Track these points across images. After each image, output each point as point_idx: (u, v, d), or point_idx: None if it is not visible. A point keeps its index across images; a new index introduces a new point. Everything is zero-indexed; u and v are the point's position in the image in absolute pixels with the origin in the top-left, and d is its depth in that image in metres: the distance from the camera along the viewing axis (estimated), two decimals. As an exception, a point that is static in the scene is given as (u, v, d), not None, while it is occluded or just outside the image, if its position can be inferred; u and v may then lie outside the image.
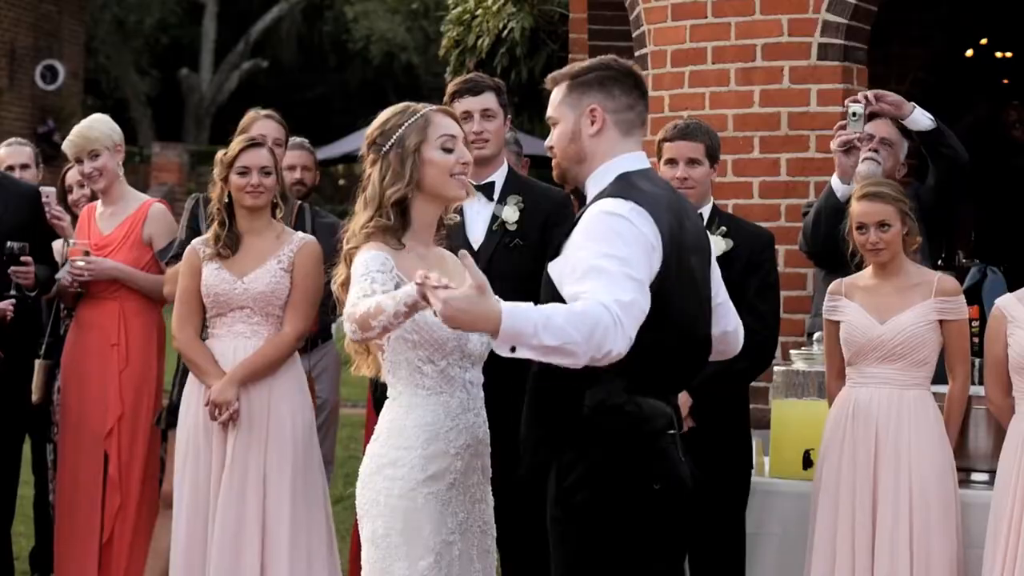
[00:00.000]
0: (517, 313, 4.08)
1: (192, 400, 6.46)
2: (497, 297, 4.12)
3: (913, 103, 6.74)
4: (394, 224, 4.65)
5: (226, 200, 6.40)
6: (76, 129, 7.30)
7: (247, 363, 6.34)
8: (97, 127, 7.29)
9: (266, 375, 6.37)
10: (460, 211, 5.80)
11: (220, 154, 6.46)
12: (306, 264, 6.41)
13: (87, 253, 7.08)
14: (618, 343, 4.15)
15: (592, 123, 4.54)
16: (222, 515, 6.25)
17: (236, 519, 6.25)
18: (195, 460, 6.37)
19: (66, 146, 7.30)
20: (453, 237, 5.31)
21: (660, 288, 4.38)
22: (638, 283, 4.28)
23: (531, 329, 4.07)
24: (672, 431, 4.52)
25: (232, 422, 6.30)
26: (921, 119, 6.72)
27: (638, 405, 4.42)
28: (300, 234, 6.52)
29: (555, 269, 4.44)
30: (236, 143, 6.46)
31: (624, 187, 4.45)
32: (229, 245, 6.39)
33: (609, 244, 4.30)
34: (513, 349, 4.11)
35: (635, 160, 4.56)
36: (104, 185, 7.28)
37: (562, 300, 4.27)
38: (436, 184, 4.67)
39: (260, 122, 7.05)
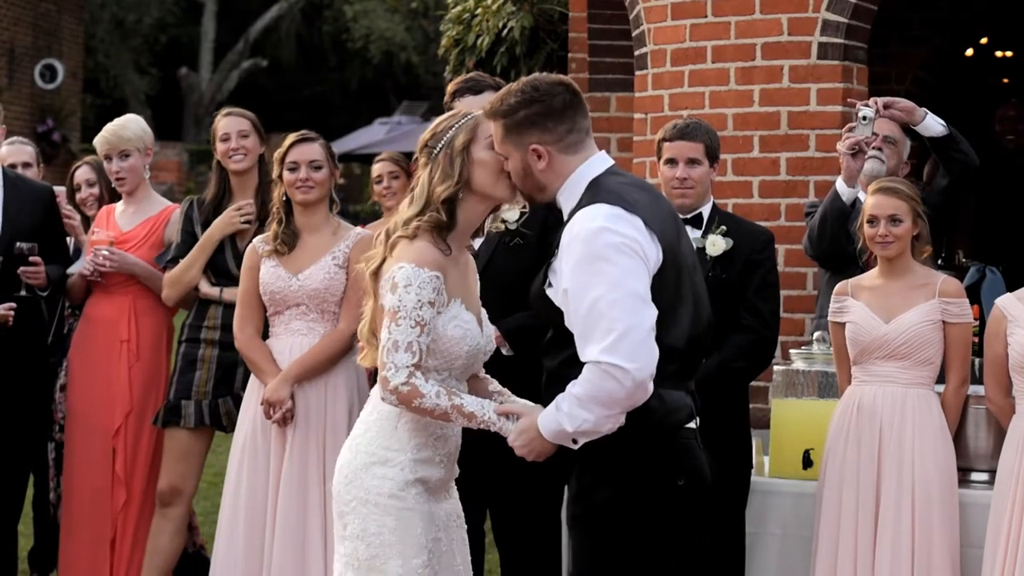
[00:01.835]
0: (546, 416, 4.36)
1: (251, 400, 6.45)
2: (531, 410, 4.46)
3: (925, 109, 6.69)
4: (446, 222, 4.62)
5: (284, 198, 6.41)
6: (110, 127, 7.27)
7: (301, 361, 6.34)
8: (131, 127, 7.27)
9: (321, 372, 6.36)
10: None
11: (276, 153, 6.47)
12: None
13: (111, 244, 7.08)
14: (624, 385, 4.25)
15: (539, 158, 4.52)
16: (283, 514, 6.24)
17: (297, 518, 6.24)
18: (252, 460, 6.37)
19: (97, 142, 7.27)
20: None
21: (660, 277, 4.38)
22: (632, 300, 4.28)
23: (561, 422, 4.33)
24: (692, 424, 4.52)
25: (287, 421, 6.29)
26: (933, 125, 6.68)
27: (661, 398, 4.40)
28: (357, 229, 6.52)
29: (556, 297, 4.44)
30: (288, 139, 6.46)
31: (597, 193, 4.44)
32: (286, 242, 6.39)
33: (593, 272, 4.31)
34: (575, 441, 4.36)
35: (598, 163, 4.55)
36: (129, 186, 7.26)
37: (559, 315, 4.41)
38: (486, 183, 4.63)
39: (224, 120, 6.98)
